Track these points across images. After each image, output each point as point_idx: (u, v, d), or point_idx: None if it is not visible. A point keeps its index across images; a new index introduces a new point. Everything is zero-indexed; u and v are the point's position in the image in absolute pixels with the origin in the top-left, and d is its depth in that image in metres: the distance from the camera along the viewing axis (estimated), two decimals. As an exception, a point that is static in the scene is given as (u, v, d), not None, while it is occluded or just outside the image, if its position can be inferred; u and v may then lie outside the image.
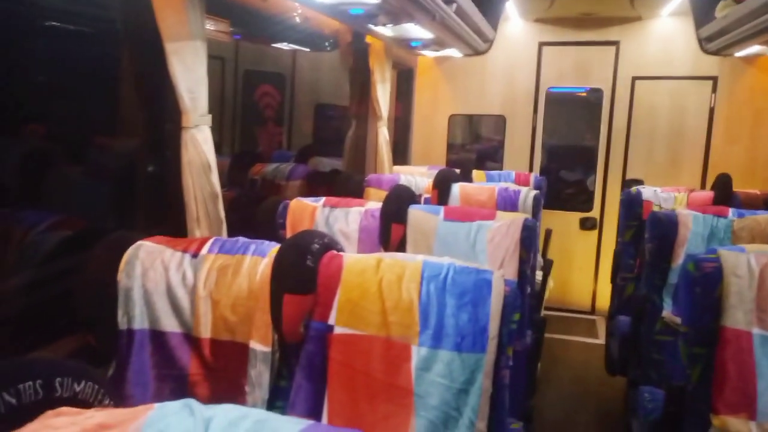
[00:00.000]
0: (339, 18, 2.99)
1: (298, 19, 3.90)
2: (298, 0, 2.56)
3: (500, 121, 5.89)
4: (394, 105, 5.91)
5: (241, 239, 2.08)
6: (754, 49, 3.96)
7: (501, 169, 5.89)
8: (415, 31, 3.30)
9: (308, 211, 3.12)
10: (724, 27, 3.67)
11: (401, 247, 2.88)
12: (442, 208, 2.97)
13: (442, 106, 5.95)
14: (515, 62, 5.75)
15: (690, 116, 5.38)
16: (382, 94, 4.69)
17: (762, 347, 2.05)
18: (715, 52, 4.45)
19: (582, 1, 4.99)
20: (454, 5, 3.03)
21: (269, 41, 4.68)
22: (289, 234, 3.08)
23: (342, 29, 4.23)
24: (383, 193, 4.20)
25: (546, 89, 5.72)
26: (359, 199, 3.19)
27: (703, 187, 5.36)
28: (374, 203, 3.10)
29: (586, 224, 5.80)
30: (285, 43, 4.71)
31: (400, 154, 6.01)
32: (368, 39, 4.31)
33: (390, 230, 2.85)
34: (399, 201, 2.91)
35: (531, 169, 5.84)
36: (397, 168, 5.16)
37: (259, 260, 1.96)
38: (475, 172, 5.03)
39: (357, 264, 1.85)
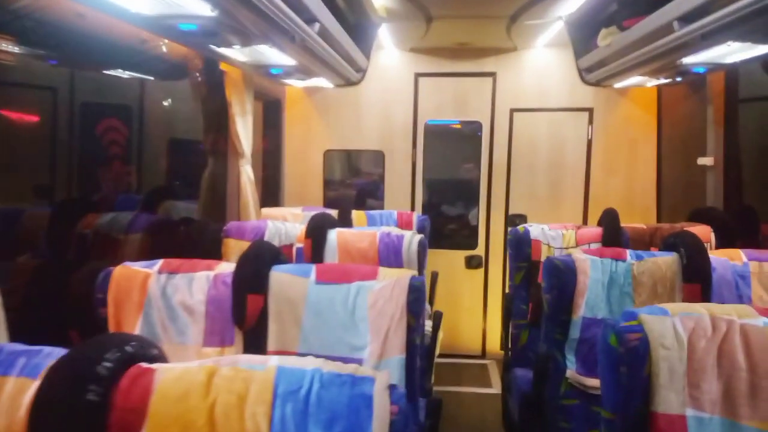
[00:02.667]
0: (172, 38, 2.41)
1: (134, 43, 3.24)
2: (115, 15, 1.94)
3: (379, 157, 5.49)
4: (262, 139, 5.34)
5: (7, 347, 1.41)
6: (635, 79, 3.88)
7: (382, 206, 5.50)
8: (274, 55, 2.78)
9: (138, 281, 2.44)
10: (606, 57, 3.54)
11: (261, 323, 2.30)
12: (313, 268, 2.43)
13: (316, 140, 5.45)
14: (391, 94, 5.41)
15: (569, 148, 5.31)
16: (243, 128, 4.10)
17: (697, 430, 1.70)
18: (596, 83, 4.37)
19: (457, 30, 4.75)
20: (317, 25, 2.56)
21: (98, 68, 3.93)
22: (112, 312, 2.39)
23: (190, 54, 3.62)
24: (246, 245, 3.60)
25: (424, 122, 5.42)
26: (209, 260, 2.56)
27: (585, 219, 5.28)
28: (227, 265, 2.49)
29: (472, 263, 5.52)
30: (120, 70, 3.98)
31: (271, 193, 5.41)
32: (223, 66, 3.72)
33: (245, 302, 2.25)
34: (257, 263, 2.33)
35: (413, 207, 5.49)
36: (266, 211, 4.56)
37: (26, 385, 1.30)
38: (355, 213, 4.56)
39: (176, 384, 1.25)
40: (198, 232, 3.55)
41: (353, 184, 5.90)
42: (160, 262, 2.52)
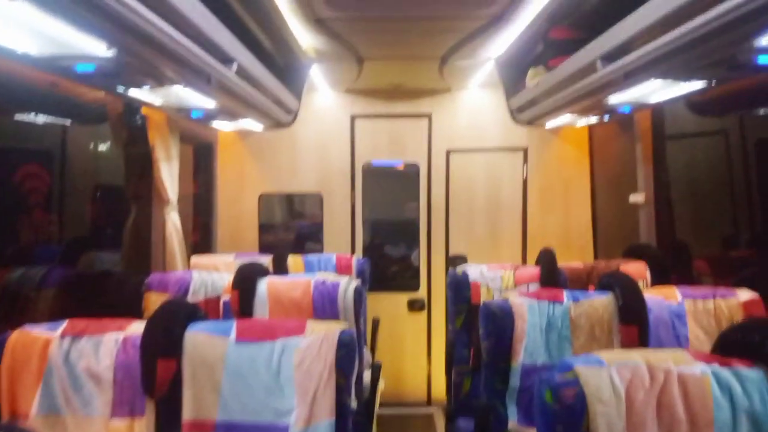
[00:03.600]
0: (74, 80, 2.23)
1: (43, 85, 3.03)
2: (5, 56, 1.76)
3: (317, 199, 5.36)
4: (193, 183, 5.12)
5: None
6: (565, 118, 3.92)
7: (322, 249, 5.34)
8: (192, 97, 2.63)
9: (37, 347, 2.20)
10: (535, 97, 3.56)
11: (175, 389, 2.09)
12: (233, 326, 2.24)
13: (251, 184, 5.27)
14: (328, 135, 5.32)
15: (505, 187, 5.32)
16: (169, 173, 3.90)
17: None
18: (527, 122, 4.41)
19: (390, 72, 4.73)
20: (234, 65, 2.43)
21: (8, 112, 3.67)
22: (5, 386, 2.14)
23: (109, 97, 3.42)
24: (170, 298, 3.36)
25: (362, 163, 5.34)
26: (121, 320, 2.33)
27: (524, 258, 5.27)
28: (140, 325, 2.27)
29: (415, 305, 5.40)
30: (34, 115, 3.74)
31: (204, 240, 5.17)
32: (145, 109, 3.54)
33: (155, 368, 2.04)
34: (168, 323, 2.13)
35: (353, 249, 5.35)
36: (196, 259, 4.32)
37: None
38: (292, 258, 4.39)
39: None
40: (117, 286, 3.29)
41: (291, 228, 5.72)
42: (64, 324, 2.28)
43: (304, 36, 3.45)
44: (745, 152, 5.33)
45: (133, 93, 2.47)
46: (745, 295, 2.81)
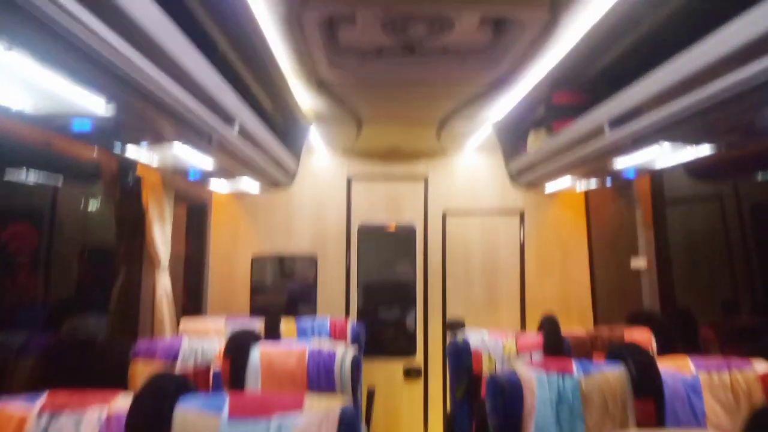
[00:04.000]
0: (70, 137, 2.15)
1: (36, 143, 2.95)
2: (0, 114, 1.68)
3: (311, 261, 5.24)
4: (185, 244, 5.00)
5: None
6: (565, 182, 3.89)
7: (315, 311, 5.18)
8: (191, 156, 2.56)
9: (12, 426, 2.02)
10: (535, 161, 3.53)
11: (160, 473, 1.91)
12: (226, 401, 2.08)
13: (244, 245, 5.16)
14: (324, 197, 5.26)
15: (503, 251, 5.25)
16: (161, 235, 3.79)
17: None
18: (526, 186, 4.38)
19: (388, 135, 4.73)
20: (236, 126, 2.37)
21: (-2, 170, 3.58)
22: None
23: (104, 157, 3.35)
24: (158, 366, 3.19)
25: (358, 225, 5.26)
26: (107, 391, 2.16)
27: (523, 323, 5.13)
28: (125, 399, 2.11)
29: (411, 373, 5.20)
30: (24, 173, 3.65)
31: (194, 301, 5.00)
32: (140, 168, 3.47)
33: (141, 449, 1.87)
34: (157, 399, 1.97)
35: (347, 312, 5.19)
36: (185, 324, 4.14)
37: None
38: (284, 322, 4.23)
39: None
40: (102, 354, 3.12)
41: (283, 290, 5.56)
42: (43, 397, 2.12)
43: (305, 98, 3.44)
44: (741, 217, 5.33)
45: (131, 151, 2.40)
46: (761, 367, 2.70)
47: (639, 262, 4.16)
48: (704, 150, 2.49)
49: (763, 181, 4.92)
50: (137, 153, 2.44)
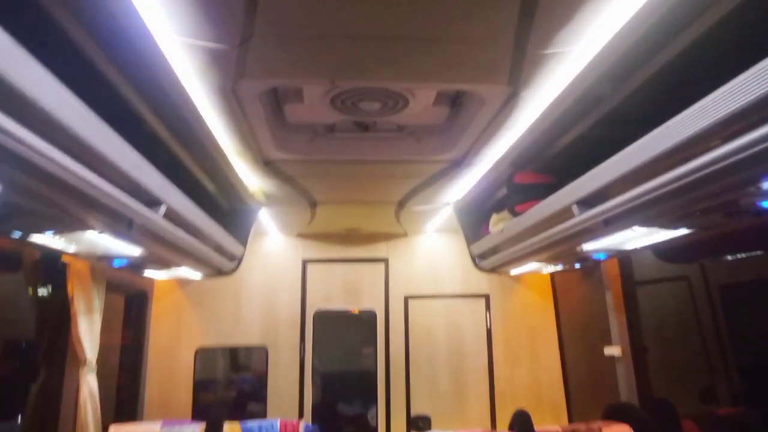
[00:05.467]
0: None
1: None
2: None
3: (262, 353, 4.82)
4: (121, 337, 4.54)
5: None
6: (531, 266, 3.68)
7: (265, 411, 4.70)
8: (112, 244, 2.24)
9: None
10: (499, 244, 3.32)
11: None
12: None
13: (187, 336, 4.72)
14: (277, 282, 4.93)
15: (469, 338, 4.94)
16: (88, 329, 3.39)
17: None
18: (491, 270, 4.15)
19: (345, 216, 4.49)
20: (162, 208, 2.09)
21: None
22: None
23: (25, 244, 2.99)
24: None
25: (314, 311, 4.91)
26: None
27: (493, 419, 4.74)
28: None
29: None
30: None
31: (128, 403, 4.47)
32: (66, 256, 3.11)
33: None
34: None
35: (301, 410, 4.74)
36: (115, 431, 3.65)
37: None
38: (228, 426, 3.77)
39: None
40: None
41: (230, 386, 5.07)
42: None
43: (251, 178, 3.19)
44: (710, 298, 5.19)
45: (38, 239, 2.08)
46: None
47: (613, 350, 3.91)
48: (677, 232, 2.31)
49: (730, 261, 4.84)
50: (48, 241, 2.12)
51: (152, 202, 2.05)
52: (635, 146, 1.80)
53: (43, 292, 3.30)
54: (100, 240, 2.16)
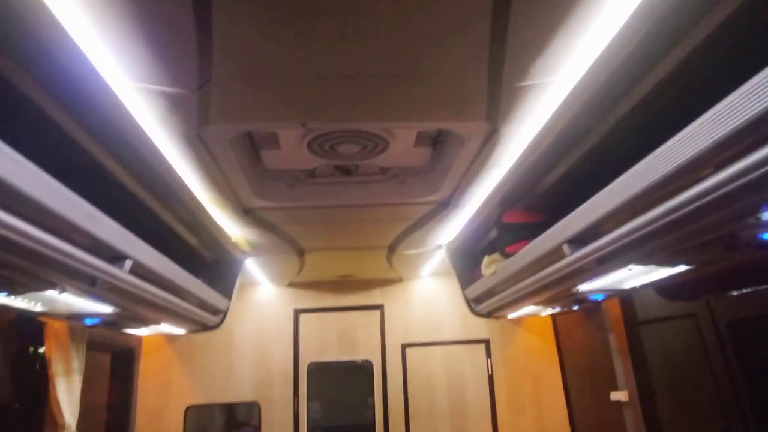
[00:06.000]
0: None
1: None
2: None
3: (254, 409, 4.61)
4: (107, 397, 4.35)
5: None
6: (529, 309, 3.53)
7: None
8: (79, 302, 2.12)
9: None
10: (493, 287, 3.19)
11: None
12: None
13: (177, 394, 4.53)
14: (268, 334, 4.76)
15: (470, 385, 4.74)
16: (67, 392, 3.23)
17: None
18: (487, 315, 3.99)
19: (335, 263, 4.36)
20: (127, 264, 1.98)
21: None
22: None
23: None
24: None
25: (308, 363, 4.72)
26: None
27: (499, 472, 4.50)
28: None
29: None
30: None
31: (114, 469, 4.26)
32: (44, 316, 2.97)
33: None
34: None
35: (297, 470, 4.50)
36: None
37: None
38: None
39: None
40: None
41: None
42: None
43: (232, 228, 3.09)
44: (719, 335, 5.00)
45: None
46: None
47: (619, 395, 3.71)
48: (677, 269, 2.18)
49: (737, 296, 4.67)
50: (7, 300, 2.00)
51: (116, 257, 1.93)
52: (623, 179, 1.69)
53: (19, 352, 3.15)
54: (63, 299, 2.04)
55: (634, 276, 2.26)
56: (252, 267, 4.10)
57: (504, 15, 1.41)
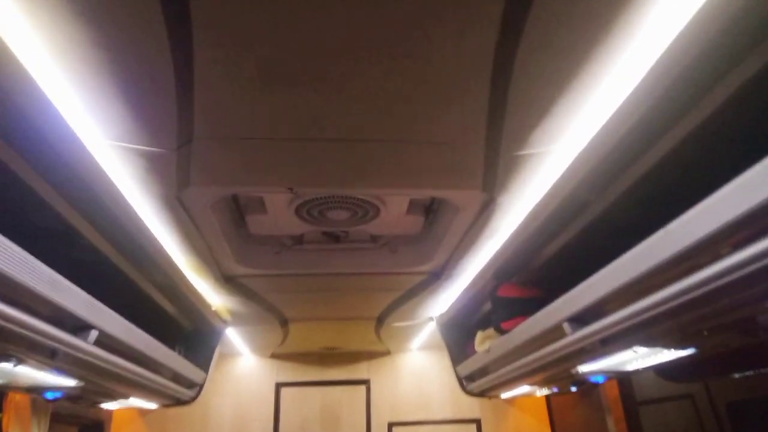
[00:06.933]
0: None
1: None
2: None
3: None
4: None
5: None
6: (524, 389, 3.33)
7: None
8: (37, 375, 1.93)
9: None
10: (487, 365, 3.01)
11: None
12: None
13: (146, 474, 4.21)
14: (247, 409, 4.49)
15: (461, 469, 4.45)
16: (20, 473, 2.94)
17: None
18: (480, 394, 3.78)
19: (320, 334, 4.17)
20: (92, 334, 1.81)
21: None
22: None
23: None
24: None
25: (288, 442, 4.44)
26: None
27: None
28: None
29: None
30: None
31: None
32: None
33: None
34: None
35: None
36: None
37: None
38: None
39: None
40: None
41: None
42: None
43: (212, 296, 2.92)
44: (718, 417, 4.79)
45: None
46: None
47: (620, 485, 3.47)
48: (681, 352, 2.05)
49: (737, 378, 4.50)
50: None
51: (80, 327, 1.77)
52: (630, 256, 1.58)
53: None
54: (21, 371, 1.85)
55: (638, 358, 2.12)
56: (232, 336, 3.90)
57: (504, 82, 1.34)
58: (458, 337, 3.59)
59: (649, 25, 1.22)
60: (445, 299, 3.19)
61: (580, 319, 1.93)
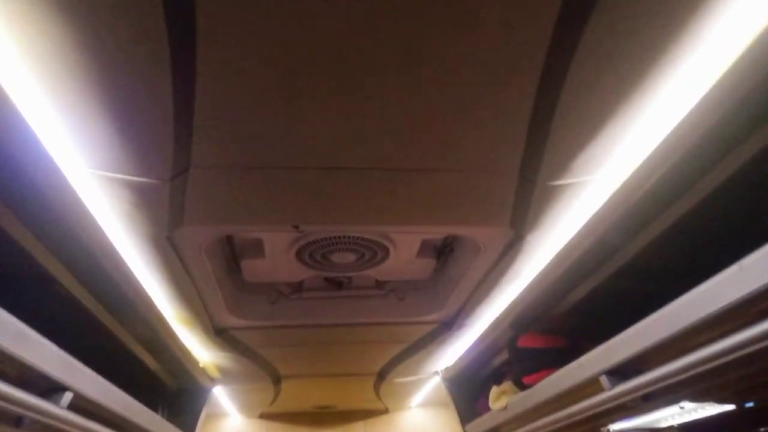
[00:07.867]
0: None
1: None
2: None
3: None
4: None
5: None
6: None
7: None
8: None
9: None
10: (502, 424, 2.75)
11: None
12: None
13: None
14: None
15: None
16: None
17: None
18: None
19: (314, 392, 3.89)
20: (66, 396, 1.55)
21: None
22: None
23: None
24: None
25: None
26: None
27: None
28: None
29: None
30: None
31: None
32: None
33: None
34: None
35: None
36: None
37: None
38: None
39: None
40: None
41: None
42: None
43: (201, 350, 2.67)
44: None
45: None
46: None
47: None
48: (734, 407, 1.84)
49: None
50: None
51: (51, 389, 1.52)
52: (682, 302, 1.38)
53: None
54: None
55: (682, 413, 1.90)
56: (220, 395, 3.60)
57: (552, 97, 1.17)
58: (467, 392, 3.32)
59: (714, 37, 1.07)
60: (453, 351, 2.96)
61: (620, 372, 1.71)
